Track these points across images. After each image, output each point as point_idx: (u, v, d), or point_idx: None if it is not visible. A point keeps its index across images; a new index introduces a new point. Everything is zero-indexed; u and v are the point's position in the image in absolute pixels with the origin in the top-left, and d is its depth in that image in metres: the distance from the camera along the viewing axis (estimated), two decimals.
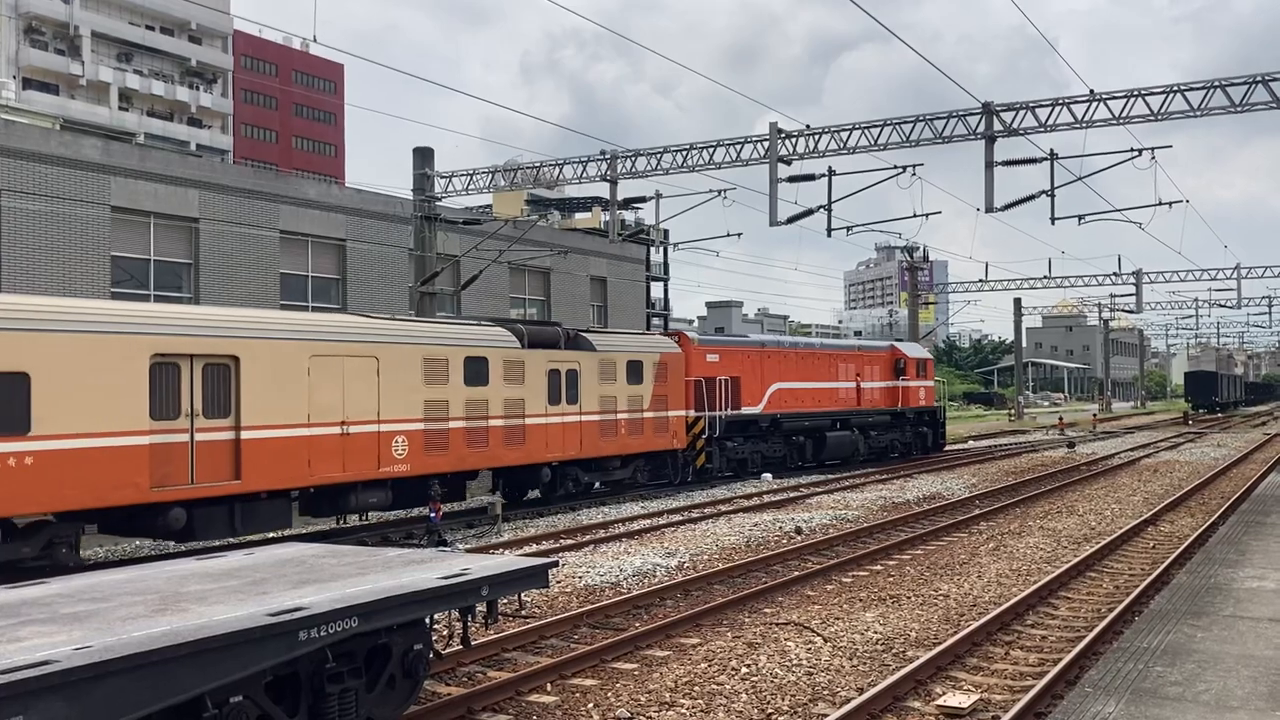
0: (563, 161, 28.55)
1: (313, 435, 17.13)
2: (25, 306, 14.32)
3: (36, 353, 13.83)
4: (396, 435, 18.58)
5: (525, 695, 9.21)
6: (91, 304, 16.16)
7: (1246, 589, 10.25)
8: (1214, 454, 38.05)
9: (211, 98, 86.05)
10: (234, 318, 16.88)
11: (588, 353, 23.55)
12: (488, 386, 20.58)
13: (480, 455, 20.47)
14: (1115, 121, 22.64)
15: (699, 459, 27.06)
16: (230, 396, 16.08)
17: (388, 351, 18.57)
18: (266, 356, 16.53)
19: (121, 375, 14.73)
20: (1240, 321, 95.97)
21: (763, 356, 30.21)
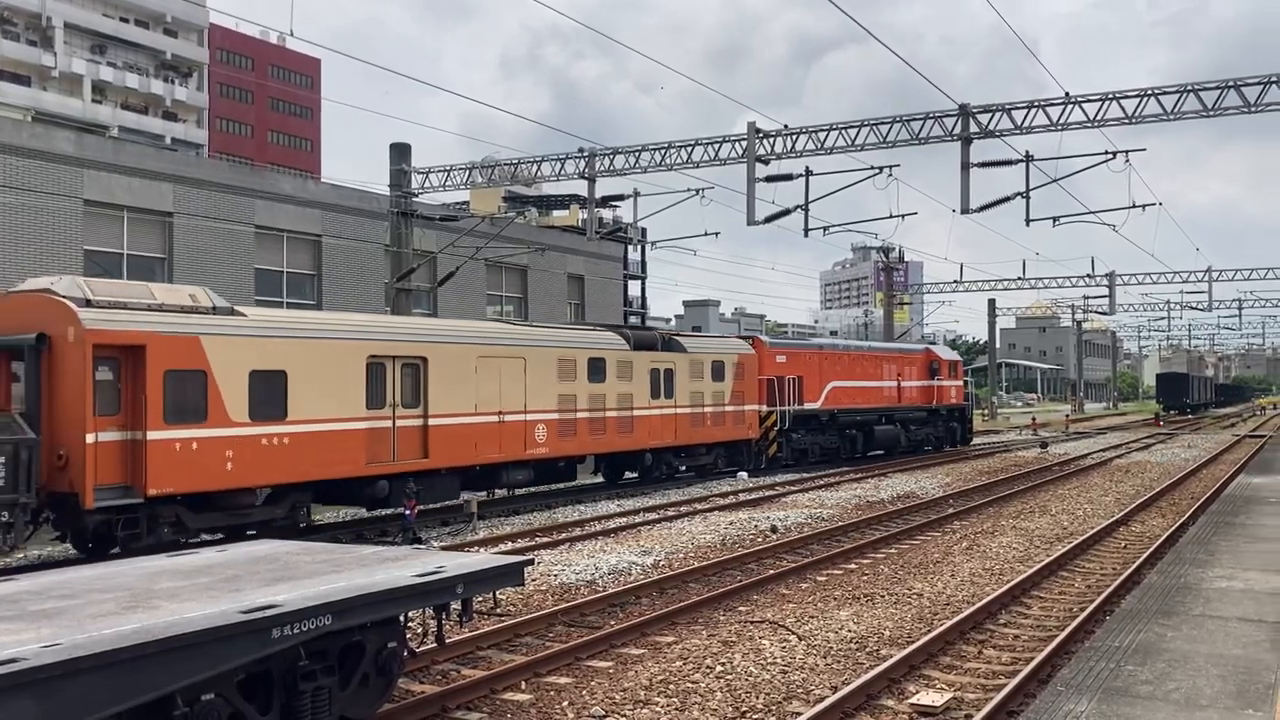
0: (541, 159, 28.50)
1: (478, 423, 20.79)
2: (282, 317, 18.40)
3: (291, 355, 17.29)
4: (538, 423, 22.24)
5: (500, 693, 9.19)
6: (325, 315, 20.72)
7: (1216, 589, 10.36)
8: (1185, 455, 38.41)
9: (187, 91, 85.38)
10: (423, 326, 21.34)
11: (680, 354, 27.15)
12: (605, 383, 24.17)
13: (599, 441, 24.13)
14: (1090, 124, 22.81)
15: (771, 448, 30.34)
16: (420, 390, 19.61)
17: (533, 354, 22.25)
18: (446, 358, 20.10)
19: (347, 373, 18.21)
20: (1211, 324, 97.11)
21: (821, 358, 33.40)
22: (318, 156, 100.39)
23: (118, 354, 15.31)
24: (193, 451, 15.84)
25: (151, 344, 15.47)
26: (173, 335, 15.81)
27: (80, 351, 14.82)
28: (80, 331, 14.85)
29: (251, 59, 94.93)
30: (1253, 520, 15.62)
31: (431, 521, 20.08)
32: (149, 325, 15.60)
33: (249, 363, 16.72)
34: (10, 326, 15.36)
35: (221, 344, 16.40)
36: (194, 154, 64.07)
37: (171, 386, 15.70)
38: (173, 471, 15.54)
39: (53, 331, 15.02)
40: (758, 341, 31.36)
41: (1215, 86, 22.05)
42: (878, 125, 24.77)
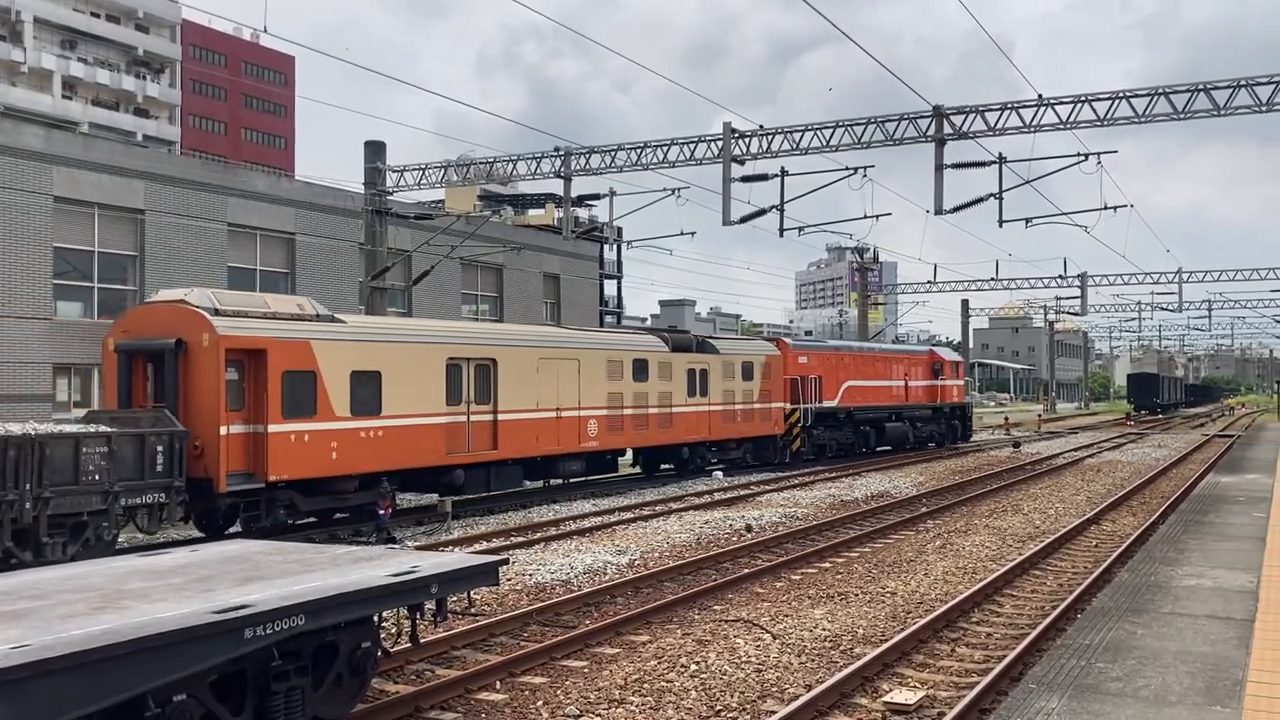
0: (516, 158, 28.44)
1: (539, 418, 22.89)
2: (376, 324, 20.72)
3: (384, 357, 19.41)
4: (590, 419, 24.35)
5: (474, 693, 9.17)
6: (412, 322, 24.13)
7: (1185, 587, 10.46)
8: (1155, 454, 38.78)
9: (159, 88, 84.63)
10: (493, 331, 23.88)
11: (713, 355, 29.22)
12: (647, 383, 26.31)
13: (642, 436, 26.35)
14: (1062, 126, 22.98)
15: (794, 443, 32.36)
16: (490, 389, 21.75)
17: (585, 355, 24.40)
18: (513, 359, 22.26)
19: (430, 373, 20.30)
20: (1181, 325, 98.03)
21: (838, 358, 35.62)
22: (292, 154, 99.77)
23: (243, 357, 17.30)
24: (304, 443, 17.91)
25: (272, 348, 17.51)
26: (289, 340, 17.88)
27: (214, 355, 16.81)
28: (214, 337, 16.86)
29: (225, 55, 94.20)
30: (1221, 519, 15.79)
31: (406, 521, 20.01)
32: (269, 331, 17.67)
33: (350, 364, 18.82)
34: (148, 332, 17.43)
35: (328, 348, 18.52)
36: (166, 151, 63.49)
37: (288, 385, 17.74)
38: (288, 460, 17.57)
39: (189, 338, 16.98)
40: (782, 343, 33.52)
41: (1185, 90, 22.27)
42: (853, 126, 24.86)
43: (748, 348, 31.73)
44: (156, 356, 17.38)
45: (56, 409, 26.82)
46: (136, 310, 18.77)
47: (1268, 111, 21.35)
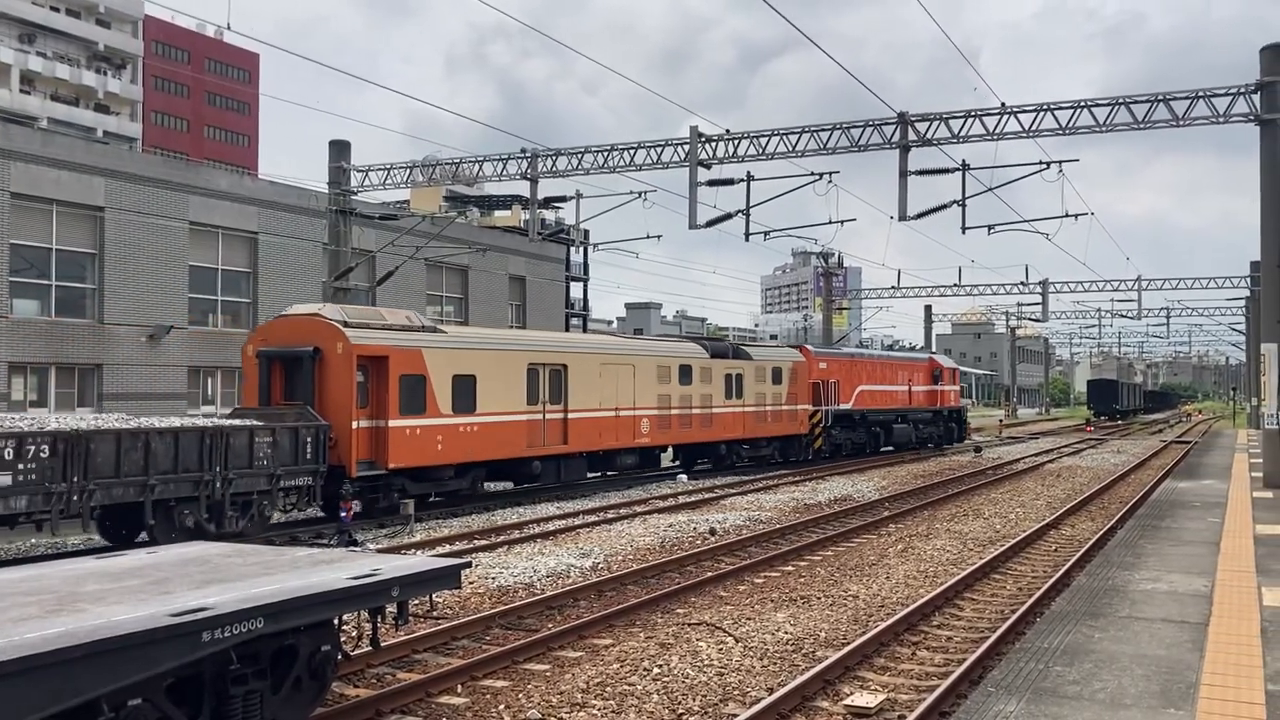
0: (483, 159, 28.36)
1: (601, 416, 25.78)
2: (471, 334, 23.52)
3: (478, 362, 22.19)
4: (643, 418, 27.21)
5: (435, 696, 9.12)
6: (499, 332, 27.21)
7: (1142, 591, 10.59)
8: (1114, 460, 39.25)
9: (120, 83, 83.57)
10: (564, 339, 26.84)
11: (747, 361, 31.95)
12: (691, 386, 29.12)
13: (686, 433, 29.09)
14: (1025, 134, 23.24)
15: (816, 442, 35.02)
16: (562, 390, 24.50)
17: (639, 361, 27.27)
18: (581, 364, 25.09)
19: (514, 376, 23.11)
20: (1140, 331, 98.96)
21: (853, 364, 38.41)
22: (255, 152, 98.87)
23: (369, 362, 20.09)
24: (416, 436, 20.65)
25: (392, 355, 20.35)
26: (405, 348, 20.70)
27: (347, 360, 19.62)
28: (347, 345, 19.67)
29: (188, 52, 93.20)
30: (1178, 524, 16.00)
31: (368, 524, 19.87)
32: (390, 340, 20.55)
33: (452, 369, 21.53)
34: (286, 341, 20.23)
35: (435, 354, 21.24)
36: (127, 148, 62.70)
37: (404, 387, 20.45)
38: (403, 451, 20.33)
39: (325, 346, 19.80)
40: (805, 349, 36.49)
41: (1145, 100, 22.59)
42: (818, 132, 25.01)
43: (777, 354, 34.54)
44: (295, 361, 20.11)
45: (13, 408, 26.40)
46: (274, 322, 21.54)
47: (1225, 122, 21.71)
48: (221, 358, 32.41)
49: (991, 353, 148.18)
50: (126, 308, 29.65)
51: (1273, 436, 21.76)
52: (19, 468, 14.06)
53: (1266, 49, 21.55)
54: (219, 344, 32.33)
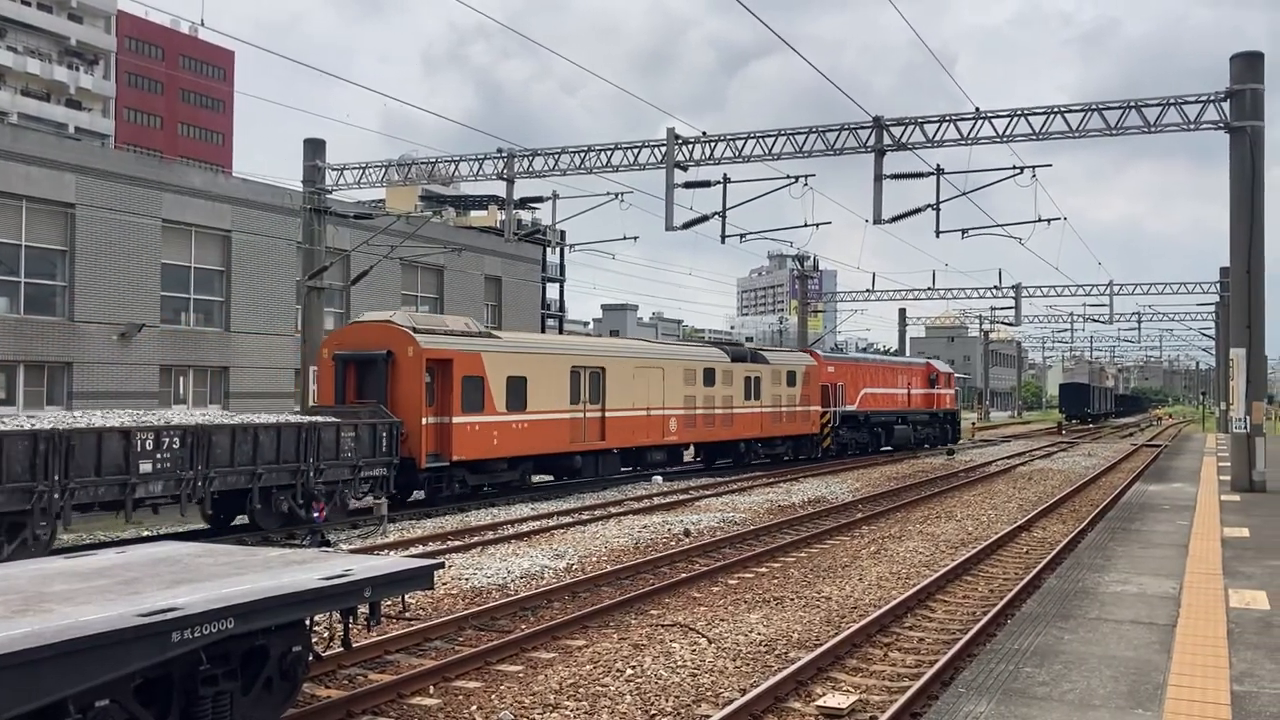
0: (459, 158, 28.26)
1: (635, 416, 28.02)
2: (522, 339, 25.97)
3: (528, 365, 24.44)
4: (671, 417, 29.48)
5: (407, 698, 9.08)
6: (546, 337, 30.66)
7: (1111, 593, 10.68)
8: (1085, 463, 39.56)
9: (92, 79, 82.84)
10: (603, 344, 29.83)
11: (764, 365, 34.20)
12: (714, 388, 31.29)
13: (709, 432, 31.24)
14: (999, 139, 23.38)
15: (826, 441, 37.56)
16: (600, 391, 26.67)
17: (669, 365, 29.59)
18: (617, 367, 27.37)
19: (559, 378, 25.33)
20: (1112, 336, 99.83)
21: (856, 368, 40.90)
22: (230, 150, 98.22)
23: (436, 365, 22.20)
24: (476, 431, 22.88)
25: (456, 358, 22.51)
26: (467, 352, 22.90)
27: (418, 363, 21.79)
28: (418, 349, 21.87)
29: (162, 48, 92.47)
30: (1147, 526, 16.14)
31: (341, 524, 19.77)
32: (453, 345, 22.72)
33: (506, 371, 23.73)
34: (361, 345, 22.50)
35: (492, 357, 23.46)
36: (99, 144, 62.11)
37: (465, 387, 22.59)
38: (465, 445, 22.59)
39: (397, 350, 21.98)
40: (815, 353, 39.02)
41: (1118, 106, 22.78)
42: (794, 135, 25.08)
43: (790, 358, 36.81)
44: (370, 364, 22.26)
45: None
46: (349, 328, 23.88)
47: (1195, 129, 21.92)
48: (195, 356, 32.16)
49: (965, 356, 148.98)
50: (98, 305, 29.38)
51: (1240, 441, 22.00)
52: (156, 457, 16.00)
53: (1236, 57, 21.79)
54: (192, 343, 32.08)
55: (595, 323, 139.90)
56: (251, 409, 26.64)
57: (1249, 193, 21.42)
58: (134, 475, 15.63)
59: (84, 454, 15.00)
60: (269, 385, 34.01)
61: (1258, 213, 21.46)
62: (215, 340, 32.89)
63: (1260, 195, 21.51)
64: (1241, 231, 21.54)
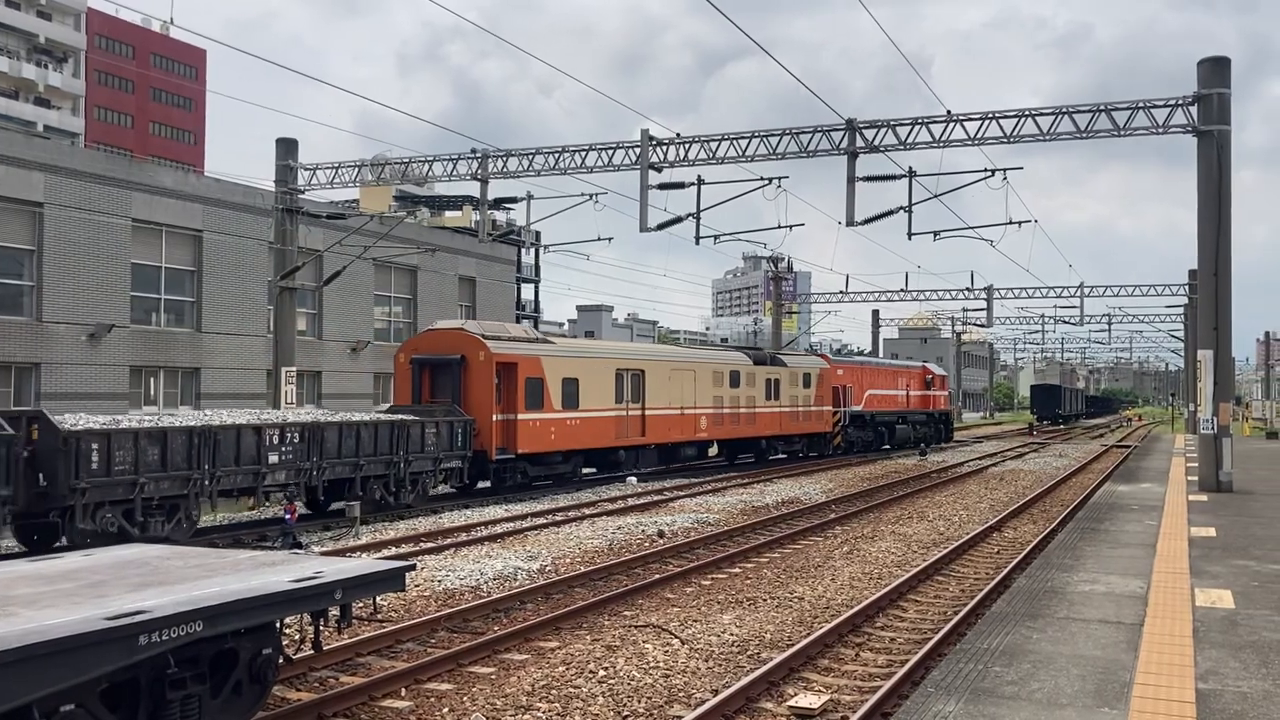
0: (432, 159, 28.17)
1: (671, 414, 30.63)
2: (574, 344, 29.58)
3: (580, 368, 26.95)
4: (702, 416, 32.09)
5: (379, 700, 9.05)
6: (594, 343, 35.81)
7: (1080, 592, 10.78)
8: (1056, 463, 39.88)
9: (61, 77, 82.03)
10: (643, 349, 32.93)
11: (783, 367, 37.00)
12: (739, 389, 33.98)
13: (734, 430, 33.91)
14: (970, 142, 23.53)
15: (836, 439, 40.41)
16: (641, 391, 29.36)
17: (700, 367, 32.29)
18: (656, 370, 30.08)
19: (606, 380, 27.95)
20: (1083, 337, 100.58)
21: (863, 371, 43.70)
22: (202, 150, 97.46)
23: (503, 368, 24.75)
24: (537, 427, 25.46)
25: (520, 361, 25.14)
26: (529, 356, 25.55)
27: (488, 366, 24.41)
28: (488, 354, 24.52)
29: (132, 47, 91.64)
30: (1116, 526, 16.29)
31: (313, 526, 19.66)
32: (518, 349, 25.36)
33: (562, 373, 26.29)
34: (436, 350, 25.14)
35: (550, 361, 26.11)
36: (69, 143, 61.49)
37: (528, 388, 25.13)
38: (528, 439, 25.18)
39: (469, 354, 24.65)
40: (826, 357, 42.70)
41: (1088, 110, 22.98)
42: (768, 137, 25.15)
43: (806, 362, 39.59)
44: (445, 367, 24.86)
45: None
46: (424, 334, 26.65)
47: (1164, 132, 22.16)
48: (166, 357, 31.89)
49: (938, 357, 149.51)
50: (66, 306, 29.08)
51: (1208, 441, 22.24)
52: (281, 450, 18.50)
53: (1204, 62, 22.04)
54: (163, 343, 31.81)
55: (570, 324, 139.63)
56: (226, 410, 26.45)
57: (1216, 196, 21.67)
58: (264, 465, 18.28)
59: (227, 447, 17.55)
60: (241, 386, 33.78)
61: (1225, 216, 21.71)
62: (186, 341, 32.63)
63: (1227, 198, 21.76)
64: (1209, 234, 21.79)
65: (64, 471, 15.10)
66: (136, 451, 16.18)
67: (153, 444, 16.45)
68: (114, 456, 15.81)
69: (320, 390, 36.96)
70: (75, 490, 15.19)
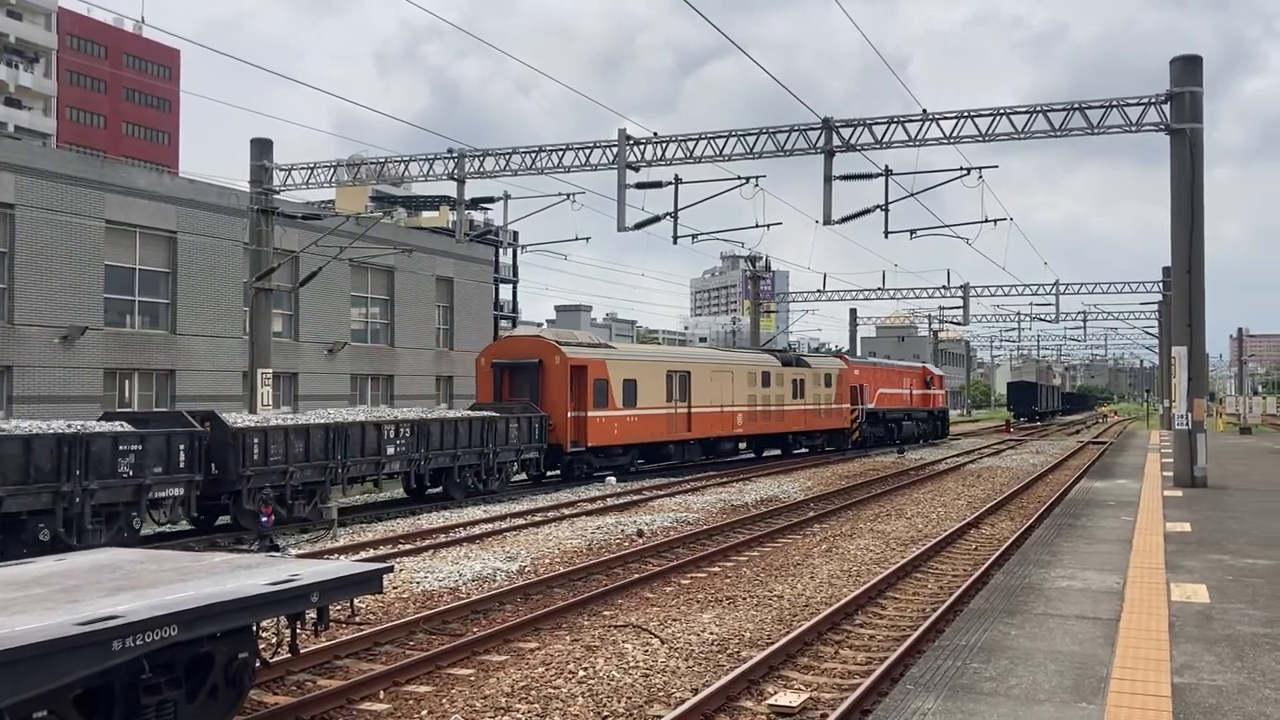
0: (409, 158, 28.06)
1: (712, 411, 33.77)
2: (631, 349, 33.34)
3: (637, 370, 30.15)
4: (738, 413, 35.30)
5: (357, 703, 8.99)
6: (649, 348, 37.70)
7: (1057, 588, 10.83)
8: (1033, 460, 40.11)
9: (33, 77, 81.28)
10: (689, 353, 36.78)
11: (807, 369, 40.35)
12: (769, 389, 37.27)
13: (765, 425, 37.11)
14: (946, 141, 23.63)
15: (855, 435, 43.70)
16: (687, 391, 32.46)
17: (737, 368, 35.51)
18: (700, 371, 33.26)
19: (658, 380, 31.14)
20: (1058, 335, 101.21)
21: (874, 371, 47.40)
22: (176, 150, 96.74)
23: (575, 371, 27.88)
24: (604, 423, 28.74)
25: (589, 365, 28.30)
26: (597, 360, 28.79)
27: (563, 369, 27.70)
28: (563, 359, 27.79)
29: (105, 47, 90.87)
30: (1092, 522, 16.40)
31: (290, 529, 19.54)
32: (587, 355, 28.68)
33: (622, 374, 29.48)
34: (515, 355, 28.51)
35: (613, 364, 29.37)
36: (40, 143, 60.89)
37: (595, 388, 28.29)
38: (596, 434, 28.39)
39: (545, 359, 27.93)
40: (844, 358, 46.04)
41: (1062, 108, 23.12)
42: (745, 136, 25.17)
43: (826, 363, 42.95)
44: (524, 370, 28.15)
45: None
46: (504, 341, 30.91)
47: (1137, 131, 22.31)
48: (141, 360, 31.63)
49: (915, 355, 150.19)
50: (38, 308, 28.79)
51: (1183, 437, 22.42)
52: (396, 443, 21.66)
53: (1175, 60, 22.21)
54: (137, 346, 31.55)
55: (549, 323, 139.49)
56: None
57: (1189, 194, 21.84)
58: (383, 455, 21.35)
59: (354, 441, 20.62)
60: (217, 388, 33.53)
61: (1198, 214, 21.89)
62: (161, 343, 32.37)
63: (1200, 196, 21.94)
64: (1182, 232, 21.95)
65: (233, 461, 18.20)
66: (286, 445, 19.20)
67: (298, 439, 19.46)
68: (270, 449, 18.86)
69: (297, 392, 36.74)
70: (242, 476, 18.26)
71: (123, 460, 16.27)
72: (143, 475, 16.51)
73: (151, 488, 16.69)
